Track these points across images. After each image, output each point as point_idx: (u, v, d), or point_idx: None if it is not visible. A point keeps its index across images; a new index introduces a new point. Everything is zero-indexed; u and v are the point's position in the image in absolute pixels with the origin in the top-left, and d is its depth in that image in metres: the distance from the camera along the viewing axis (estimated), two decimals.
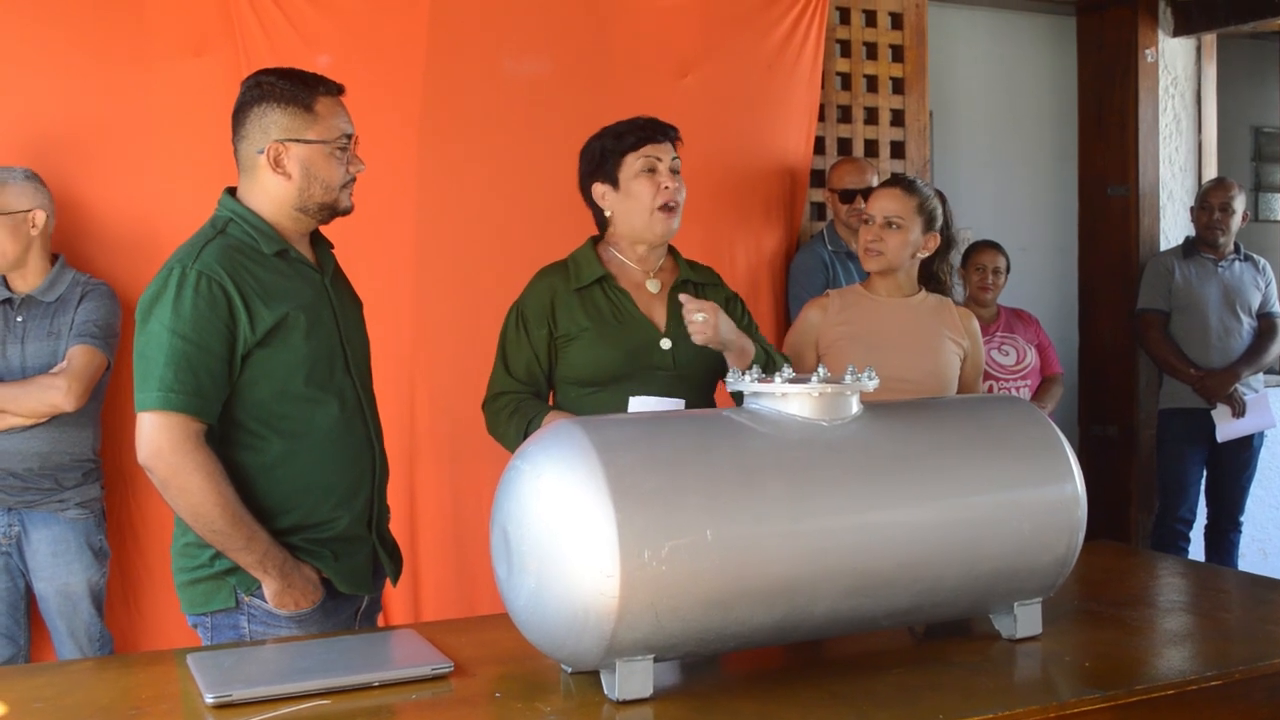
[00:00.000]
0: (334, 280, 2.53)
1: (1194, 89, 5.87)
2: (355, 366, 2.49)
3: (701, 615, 1.72)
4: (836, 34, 4.83)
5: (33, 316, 3.38)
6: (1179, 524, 5.26)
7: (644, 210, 2.76)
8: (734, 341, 2.71)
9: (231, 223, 2.38)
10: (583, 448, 1.72)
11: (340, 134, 2.40)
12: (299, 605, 2.32)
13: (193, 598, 2.36)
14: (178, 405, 2.21)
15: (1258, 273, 5.30)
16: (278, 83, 2.38)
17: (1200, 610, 2.34)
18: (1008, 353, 4.74)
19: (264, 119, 2.37)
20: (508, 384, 2.82)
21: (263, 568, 2.27)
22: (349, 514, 2.42)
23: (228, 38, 3.71)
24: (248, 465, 2.32)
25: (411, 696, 1.81)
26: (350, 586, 2.43)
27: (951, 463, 1.96)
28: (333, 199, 2.41)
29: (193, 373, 2.22)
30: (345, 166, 2.42)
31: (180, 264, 2.28)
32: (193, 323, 2.23)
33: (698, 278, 2.90)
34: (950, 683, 1.86)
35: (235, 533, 2.24)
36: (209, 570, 2.32)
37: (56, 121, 3.60)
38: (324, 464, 2.39)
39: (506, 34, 4.08)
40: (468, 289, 3.97)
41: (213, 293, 2.25)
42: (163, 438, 2.21)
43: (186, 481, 2.21)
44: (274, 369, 2.32)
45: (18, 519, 3.38)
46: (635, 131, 2.77)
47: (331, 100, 2.41)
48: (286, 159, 2.36)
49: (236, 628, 2.32)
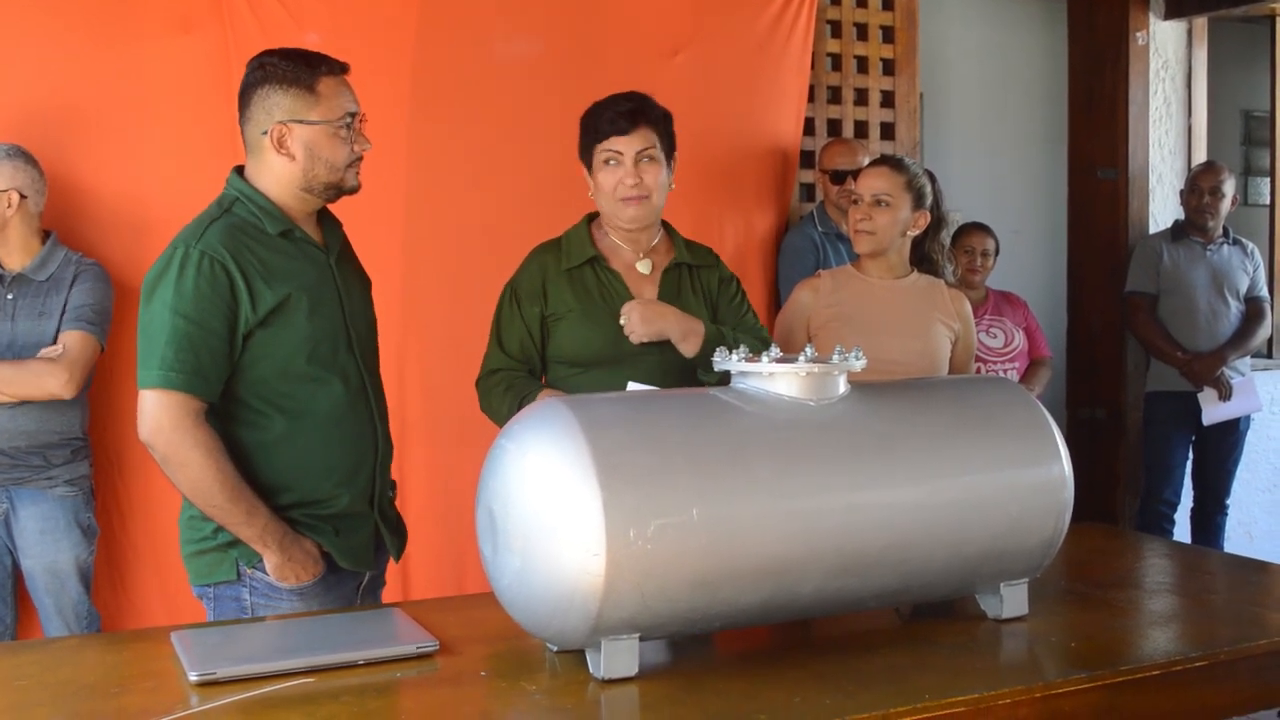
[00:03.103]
0: (340, 259, 2.53)
1: (1184, 72, 5.87)
2: (359, 346, 2.51)
3: (688, 594, 1.72)
4: (827, 14, 4.82)
5: (23, 294, 3.37)
6: (1164, 506, 5.28)
7: (608, 199, 2.78)
8: (672, 329, 2.72)
9: (238, 202, 2.40)
10: (569, 426, 1.72)
11: (344, 113, 2.41)
12: (300, 578, 2.34)
13: (198, 569, 2.39)
14: (178, 384, 2.24)
15: (1246, 256, 5.30)
16: (280, 64, 2.38)
17: (1186, 592, 2.35)
18: (996, 335, 4.74)
19: (267, 101, 2.37)
20: (501, 361, 2.83)
21: (263, 542, 2.30)
22: (350, 492, 2.44)
23: (215, 15, 3.69)
24: (250, 442, 2.35)
25: (397, 675, 1.81)
26: (351, 562, 2.44)
27: (939, 444, 1.96)
28: (338, 178, 2.42)
29: (193, 352, 2.25)
30: (350, 145, 2.42)
31: (184, 243, 2.30)
32: (194, 302, 2.25)
33: (693, 259, 2.88)
34: (936, 663, 1.86)
35: (235, 508, 2.27)
36: (213, 542, 2.35)
37: (44, 99, 3.57)
38: (326, 443, 2.41)
39: (497, 12, 4.06)
40: (457, 269, 3.96)
41: (214, 273, 2.27)
42: (163, 415, 2.24)
43: (186, 458, 2.24)
44: (276, 348, 2.34)
45: (6, 496, 3.39)
46: (604, 122, 2.77)
47: (335, 80, 2.41)
48: (290, 140, 2.37)
49: (238, 600, 2.35)
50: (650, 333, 2.72)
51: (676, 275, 2.85)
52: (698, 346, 2.71)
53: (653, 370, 2.74)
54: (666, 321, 2.73)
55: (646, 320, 2.72)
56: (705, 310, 2.84)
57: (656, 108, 2.81)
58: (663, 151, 2.78)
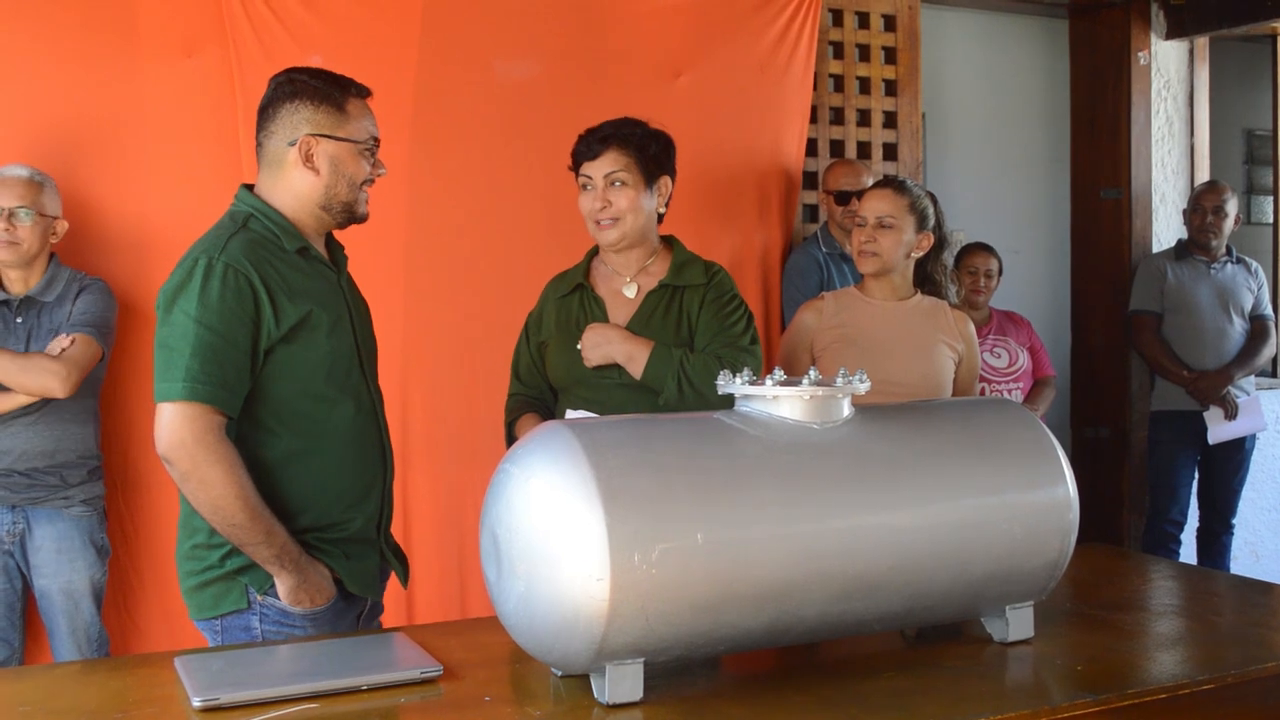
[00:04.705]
0: (348, 281, 2.54)
1: (1186, 92, 5.87)
2: (368, 367, 2.50)
3: (692, 619, 1.71)
4: (829, 36, 4.83)
5: (32, 317, 3.38)
6: (1170, 526, 5.26)
7: (588, 223, 2.85)
8: (617, 352, 2.77)
9: (252, 218, 2.37)
10: (572, 450, 1.72)
11: (369, 136, 2.43)
12: (314, 602, 2.30)
13: (201, 601, 2.33)
14: (203, 396, 2.19)
15: (1249, 275, 5.31)
16: (311, 80, 2.39)
17: (1192, 613, 2.34)
18: (1000, 355, 4.73)
19: (296, 114, 2.37)
20: (514, 386, 3.00)
21: (279, 563, 2.25)
22: (362, 516, 2.42)
23: (219, 38, 3.71)
24: (264, 462, 2.30)
25: (400, 700, 1.80)
26: (360, 588, 2.42)
27: (943, 466, 1.96)
28: (354, 198, 2.42)
29: (218, 364, 2.21)
30: (370, 168, 2.43)
31: (206, 255, 2.26)
32: (219, 314, 2.21)
33: (679, 280, 2.86)
34: (942, 686, 1.86)
35: (254, 527, 2.22)
36: (219, 571, 2.30)
37: (49, 120, 3.59)
38: (340, 465, 2.38)
39: (498, 34, 4.07)
40: (459, 291, 3.96)
41: (239, 285, 2.24)
42: (186, 429, 2.19)
43: (207, 474, 2.19)
44: (296, 366, 2.31)
45: (22, 516, 3.39)
46: (579, 147, 2.85)
47: (361, 103, 2.43)
48: (317, 154, 2.37)
49: (249, 629, 2.30)
50: (599, 356, 2.78)
51: (658, 298, 2.86)
52: (641, 369, 2.74)
53: (622, 393, 2.78)
54: (612, 345, 2.78)
55: (593, 344, 2.79)
56: (676, 333, 2.82)
57: (636, 131, 2.83)
58: (641, 173, 2.80)
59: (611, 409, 2.71)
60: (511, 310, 3.20)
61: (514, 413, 2.94)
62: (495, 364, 3.29)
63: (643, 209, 2.81)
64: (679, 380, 2.71)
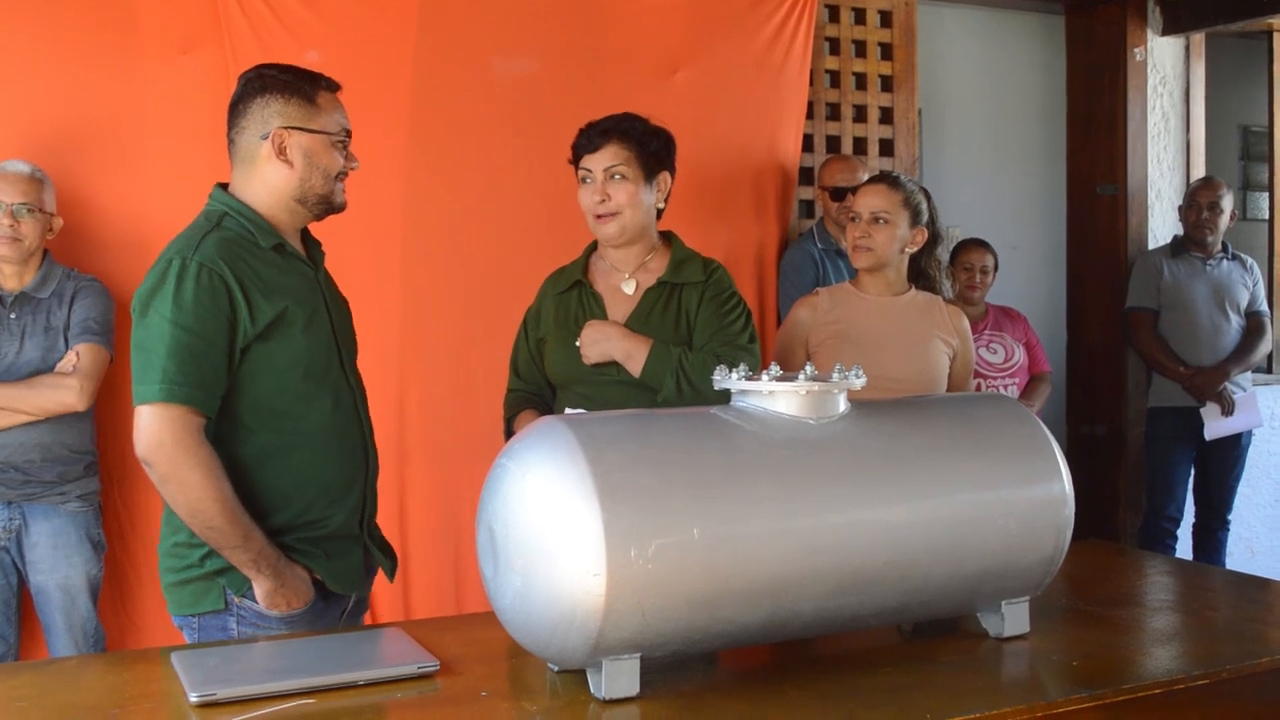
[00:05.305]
0: (325, 277, 2.53)
1: (1182, 88, 5.88)
2: (348, 363, 2.50)
3: (688, 614, 1.71)
4: (825, 31, 4.83)
5: (26, 313, 3.38)
6: (1167, 522, 5.27)
7: (588, 217, 2.84)
8: (615, 349, 2.77)
9: (226, 216, 2.37)
10: (569, 446, 1.72)
11: (340, 128, 2.42)
12: (291, 606, 2.30)
13: (180, 599, 2.34)
14: (181, 397, 2.18)
15: (1245, 271, 5.31)
16: (280, 75, 2.39)
17: (1188, 609, 2.34)
18: (996, 351, 4.74)
19: (266, 109, 2.36)
20: (514, 382, 2.99)
21: (256, 567, 2.25)
22: (343, 511, 2.41)
23: (215, 36, 3.71)
24: (241, 459, 2.30)
25: (397, 695, 1.80)
26: (342, 586, 2.41)
27: (939, 461, 1.96)
28: (330, 190, 2.41)
29: (195, 365, 2.20)
30: (342, 161, 2.43)
31: (179, 255, 2.25)
32: (194, 314, 2.21)
33: (678, 277, 2.86)
34: (938, 682, 1.86)
35: (232, 530, 2.22)
36: (198, 571, 2.30)
37: (45, 118, 3.59)
38: (319, 460, 2.38)
39: (496, 31, 4.07)
40: (456, 288, 3.96)
41: (213, 284, 2.23)
42: (165, 431, 2.18)
43: (187, 477, 2.19)
44: (273, 363, 2.31)
45: (19, 512, 3.39)
46: (580, 140, 2.85)
47: (331, 96, 2.43)
48: (290, 146, 2.36)
49: (225, 629, 2.31)
50: (597, 354, 2.78)
51: (656, 295, 2.85)
52: (640, 367, 2.73)
53: (621, 391, 2.77)
54: (611, 343, 2.78)
55: (592, 342, 2.79)
56: (675, 330, 2.82)
57: (636, 126, 2.83)
58: (641, 168, 2.79)
59: (610, 406, 2.70)
60: (509, 307, 3.20)
61: (513, 409, 2.93)
62: (493, 360, 3.29)
63: (642, 204, 2.80)
64: (678, 378, 2.71)
